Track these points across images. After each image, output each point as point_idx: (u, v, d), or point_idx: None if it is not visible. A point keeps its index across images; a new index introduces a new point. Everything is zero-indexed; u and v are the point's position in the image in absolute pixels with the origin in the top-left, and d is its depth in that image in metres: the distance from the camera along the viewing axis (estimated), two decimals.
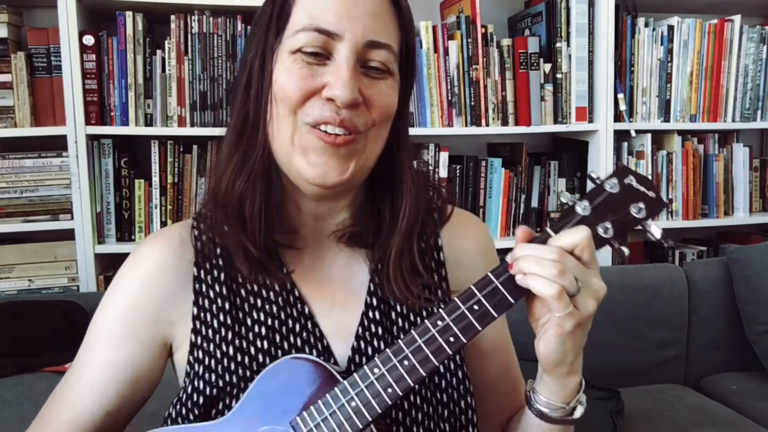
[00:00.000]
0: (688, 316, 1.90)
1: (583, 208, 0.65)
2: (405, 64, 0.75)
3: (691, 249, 2.26)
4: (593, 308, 0.64)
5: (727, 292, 1.92)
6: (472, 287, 0.65)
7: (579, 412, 0.71)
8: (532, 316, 0.67)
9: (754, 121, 2.17)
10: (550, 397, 0.70)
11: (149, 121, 1.74)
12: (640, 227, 0.66)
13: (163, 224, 1.79)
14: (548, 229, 0.65)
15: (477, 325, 0.64)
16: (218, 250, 0.77)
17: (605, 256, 2.03)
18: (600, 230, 0.65)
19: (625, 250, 0.66)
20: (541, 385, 0.71)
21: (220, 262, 0.77)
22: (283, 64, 0.70)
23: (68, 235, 1.72)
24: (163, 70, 1.74)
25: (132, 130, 1.72)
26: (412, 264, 0.76)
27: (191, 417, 0.74)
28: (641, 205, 0.65)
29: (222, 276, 0.77)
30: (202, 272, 0.77)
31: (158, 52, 1.73)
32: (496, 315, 0.64)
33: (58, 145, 1.71)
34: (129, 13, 1.69)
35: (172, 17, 1.72)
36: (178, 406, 0.75)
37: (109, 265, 1.82)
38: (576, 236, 0.63)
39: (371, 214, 0.78)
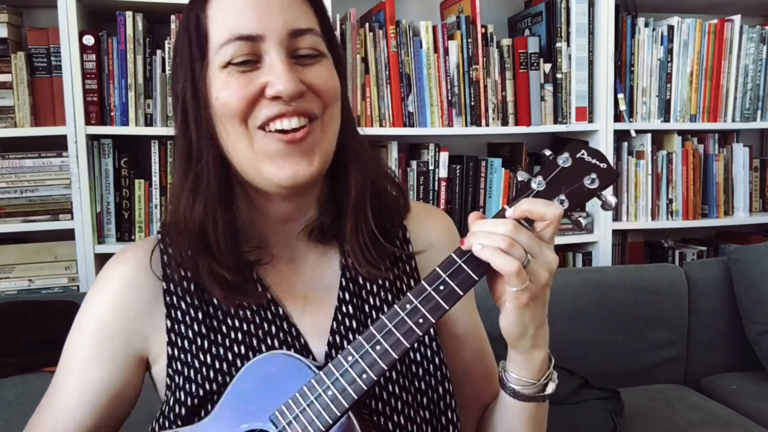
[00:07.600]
0: (688, 316, 1.90)
1: (537, 183, 0.69)
2: (329, 47, 0.75)
3: (691, 249, 2.26)
4: (545, 279, 0.66)
5: (727, 292, 1.92)
6: (437, 269, 0.67)
7: (551, 388, 0.73)
8: (494, 294, 0.70)
9: (754, 121, 2.17)
10: (521, 374, 0.72)
11: (149, 121, 1.74)
12: (596, 198, 0.69)
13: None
14: (506, 207, 0.68)
15: (444, 304, 0.66)
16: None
17: (606, 254, 2.04)
18: (556, 203, 0.68)
19: (582, 221, 0.69)
20: (511, 362, 0.73)
21: (189, 273, 0.76)
22: (218, 81, 0.70)
23: (68, 235, 1.72)
24: (163, 70, 1.73)
25: (132, 130, 1.72)
26: (369, 233, 0.77)
27: (174, 428, 0.74)
28: (593, 176, 0.68)
29: (192, 286, 0.77)
30: (171, 285, 0.77)
31: (158, 52, 1.73)
32: (461, 293, 0.66)
33: (58, 145, 1.71)
34: (129, 13, 1.69)
35: (172, 17, 1.72)
36: (161, 420, 0.75)
37: None
38: (549, 211, 0.65)
39: (336, 206, 0.79)
